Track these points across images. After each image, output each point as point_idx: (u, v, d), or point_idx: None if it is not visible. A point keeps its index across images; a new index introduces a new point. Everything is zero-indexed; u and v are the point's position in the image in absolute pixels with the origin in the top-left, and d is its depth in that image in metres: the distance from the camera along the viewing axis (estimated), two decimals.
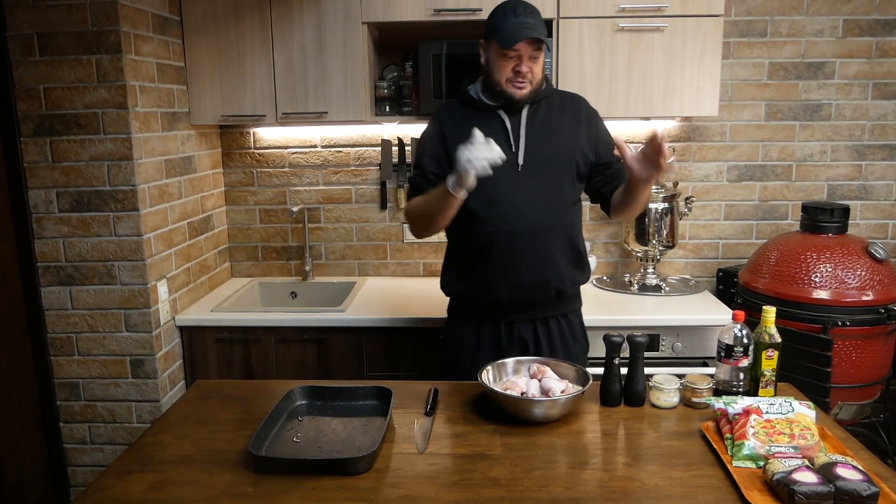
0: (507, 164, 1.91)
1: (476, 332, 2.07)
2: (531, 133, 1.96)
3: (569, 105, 2.04)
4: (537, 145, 1.96)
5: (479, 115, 1.98)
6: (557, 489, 1.35)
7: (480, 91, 2.00)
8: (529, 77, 1.90)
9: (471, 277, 2.03)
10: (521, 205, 1.93)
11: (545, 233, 1.95)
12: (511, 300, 1.99)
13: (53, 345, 2.48)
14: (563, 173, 1.98)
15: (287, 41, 2.64)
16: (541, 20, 1.89)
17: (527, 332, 2.04)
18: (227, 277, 3.18)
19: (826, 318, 2.41)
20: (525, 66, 1.88)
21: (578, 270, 2.06)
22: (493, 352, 2.04)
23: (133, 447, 1.57)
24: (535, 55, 1.89)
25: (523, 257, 1.95)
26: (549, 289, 1.99)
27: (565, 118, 2.01)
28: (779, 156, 3.01)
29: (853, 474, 1.28)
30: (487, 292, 2.00)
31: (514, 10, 1.87)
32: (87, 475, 2.57)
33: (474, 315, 2.07)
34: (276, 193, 3.12)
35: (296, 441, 1.55)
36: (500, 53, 1.89)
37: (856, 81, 2.93)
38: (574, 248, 2.02)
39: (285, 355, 2.61)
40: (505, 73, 1.90)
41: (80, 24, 2.25)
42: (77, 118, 2.31)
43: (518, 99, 1.93)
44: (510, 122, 1.97)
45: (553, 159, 1.97)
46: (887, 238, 3.05)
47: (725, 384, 1.72)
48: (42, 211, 2.38)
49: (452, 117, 2.02)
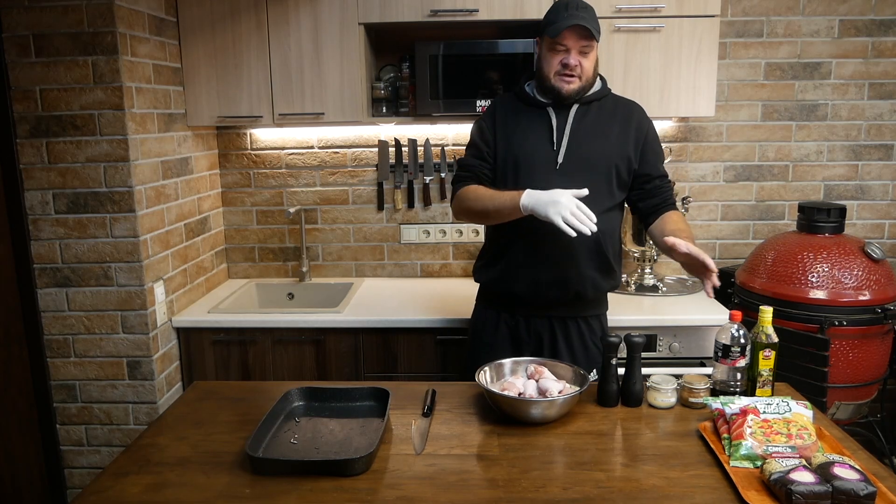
0: (547, 161, 1.96)
1: (496, 322, 2.10)
2: (576, 133, 1.97)
3: (622, 111, 2.04)
4: (580, 146, 1.97)
5: (530, 110, 2.02)
6: (555, 490, 1.35)
7: (535, 88, 2.03)
8: (578, 71, 1.92)
9: (496, 267, 2.06)
10: None
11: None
12: (529, 295, 2.02)
13: (50, 347, 2.47)
14: (602, 178, 1.97)
15: (283, 42, 2.63)
16: (594, 16, 1.90)
17: (543, 329, 2.06)
18: (224, 279, 3.18)
19: (823, 318, 2.41)
20: (573, 58, 1.90)
21: (603, 276, 2.05)
22: (509, 344, 2.08)
23: (130, 449, 1.56)
24: (584, 49, 1.91)
25: (546, 255, 1.97)
26: (567, 289, 2.00)
27: (615, 124, 2.00)
28: (775, 156, 3.02)
29: (850, 474, 1.28)
30: (508, 284, 2.03)
31: (566, 6, 1.90)
32: (84, 477, 2.57)
33: (496, 304, 2.11)
34: (273, 195, 3.12)
35: (293, 442, 1.55)
36: (549, 47, 1.93)
37: (852, 81, 2.94)
38: (601, 254, 2.00)
39: (282, 356, 2.61)
40: (554, 67, 1.93)
41: (76, 26, 2.24)
42: (73, 119, 2.30)
43: (566, 94, 1.94)
44: (557, 119, 1.98)
45: (593, 162, 1.97)
46: (884, 238, 3.06)
47: (723, 384, 1.72)
48: (38, 212, 2.37)
49: (506, 109, 2.07)
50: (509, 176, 2.00)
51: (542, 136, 1.98)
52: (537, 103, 2.01)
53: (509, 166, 2.00)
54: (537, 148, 1.98)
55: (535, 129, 1.99)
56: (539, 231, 1.90)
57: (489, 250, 2.12)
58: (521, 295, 2.03)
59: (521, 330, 2.07)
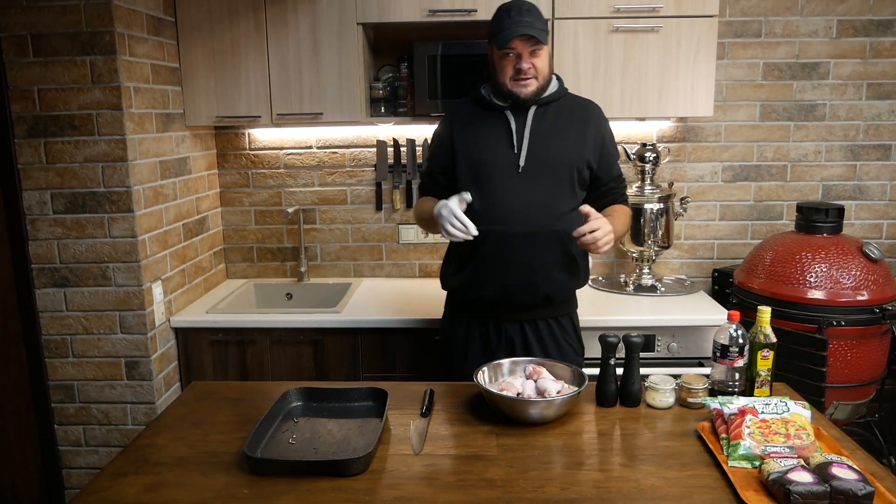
0: (508, 165, 1.95)
1: (466, 328, 2.09)
2: (535, 136, 1.97)
3: (579, 111, 2.04)
4: (540, 148, 1.96)
5: (488, 114, 2.01)
6: (553, 490, 1.35)
7: (491, 92, 2.02)
8: (532, 73, 1.92)
9: (463, 273, 2.05)
10: (517, 206, 1.93)
11: (538, 236, 1.95)
12: (498, 299, 2.01)
13: (48, 347, 2.47)
14: (564, 179, 1.98)
15: (282, 42, 2.63)
16: (538, 17, 1.90)
17: (514, 332, 2.05)
18: (223, 279, 3.17)
19: (821, 318, 2.41)
20: (525, 62, 1.90)
21: (571, 277, 2.05)
22: (481, 349, 2.07)
23: (128, 449, 1.56)
24: (535, 51, 1.90)
25: (513, 258, 1.96)
26: (536, 292, 2.00)
27: (574, 124, 2.01)
28: (773, 156, 3.02)
29: (849, 474, 1.28)
30: (477, 289, 2.02)
31: (508, 11, 1.89)
32: (82, 477, 2.56)
33: (465, 310, 2.10)
34: (272, 195, 3.12)
35: (291, 443, 1.55)
36: (500, 54, 1.92)
37: (850, 82, 2.94)
38: (568, 254, 2.01)
39: (281, 357, 2.61)
40: (508, 73, 1.93)
41: (74, 26, 2.24)
42: (71, 119, 2.30)
43: (524, 97, 1.94)
44: (515, 123, 1.98)
45: (554, 164, 1.97)
46: (882, 238, 3.06)
47: (721, 384, 1.72)
48: (36, 212, 2.37)
49: (463, 116, 2.06)
50: (472, 182, 1.98)
51: (502, 140, 1.98)
52: (495, 107, 2.00)
53: (471, 172, 1.99)
54: (498, 152, 1.97)
55: (494, 133, 1.99)
56: (505, 235, 1.92)
57: (455, 257, 2.11)
58: (490, 300, 2.01)
59: (492, 334, 2.06)
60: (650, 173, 2.80)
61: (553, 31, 2.57)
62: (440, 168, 2.06)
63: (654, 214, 2.78)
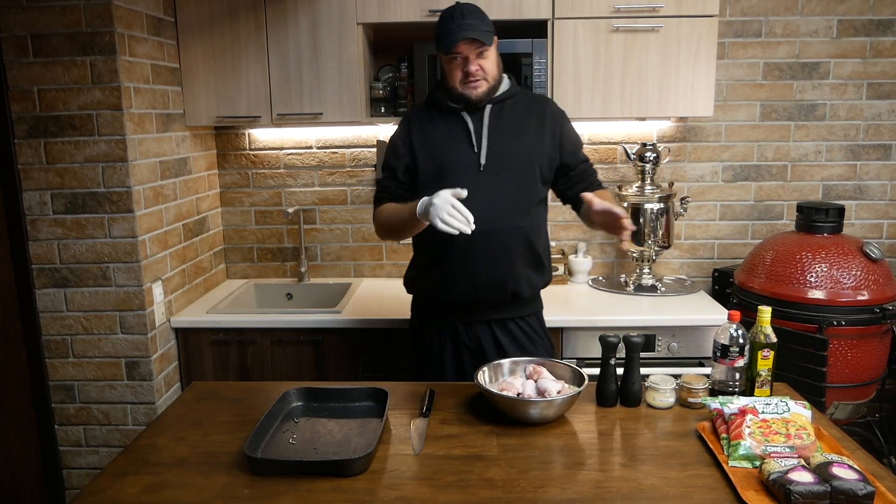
0: (469, 165, 1.96)
1: (437, 332, 2.09)
2: (494, 134, 1.98)
3: (535, 107, 2.05)
4: (500, 146, 1.97)
5: (444, 116, 2.02)
6: (554, 490, 1.35)
7: (445, 95, 2.02)
8: (481, 75, 1.92)
9: (430, 276, 2.05)
10: (481, 205, 1.92)
11: (504, 234, 1.96)
12: (467, 300, 2.01)
13: (48, 347, 2.47)
14: (526, 175, 1.99)
15: (282, 42, 2.63)
16: (482, 19, 1.91)
17: (484, 333, 2.05)
18: (223, 279, 3.17)
19: (821, 318, 2.41)
20: (473, 65, 1.91)
21: (536, 273, 2.06)
22: (453, 352, 2.07)
23: (128, 449, 1.56)
24: (481, 53, 1.91)
25: (481, 258, 1.96)
26: (504, 290, 2.00)
27: (531, 120, 2.02)
28: (774, 156, 3.02)
29: (849, 474, 1.28)
30: (445, 292, 2.02)
31: (452, 15, 1.90)
32: (82, 478, 2.56)
33: (433, 314, 2.10)
34: (272, 195, 3.12)
35: (291, 443, 1.55)
36: (447, 59, 1.94)
37: (850, 81, 2.94)
38: (533, 251, 2.02)
39: (281, 357, 2.61)
40: (457, 77, 1.94)
41: (74, 26, 2.24)
42: (71, 120, 2.30)
43: (475, 98, 1.95)
44: (472, 122, 1.99)
45: (515, 161, 1.98)
46: (882, 238, 3.06)
47: (721, 384, 1.72)
48: (36, 213, 2.37)
49: (420, 120, 2.06)
50: (434, 182, 1.96)
51: (461, 141, 1.98)
52: (450, 109, 2.01)
53: (434, 175, 1.98)
54: (459, 153, 1.98)
55: (453, 134, 1.99)
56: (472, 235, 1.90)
57: (421, 260, 2.11)
58: (460, 301, 2.01)
59: (462, 336, 2.06)
60: (650, 173, 2.80)
61: (553, 31, 2.57)
62: (403, 168, 2.04)
63: (655, 214, 2.78)
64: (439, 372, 2.08)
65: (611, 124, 2.99)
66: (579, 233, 3.09)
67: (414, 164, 2.02)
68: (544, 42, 2.58)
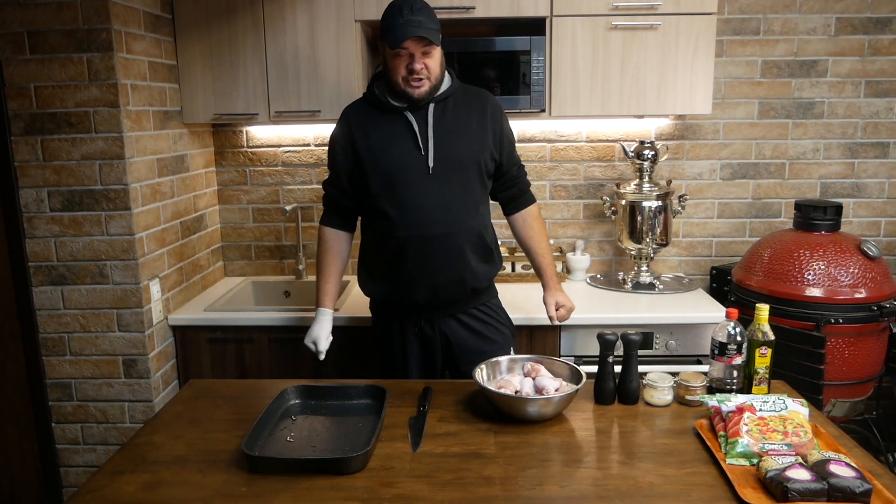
0: (418, 168, 1.95)
1: (400, 330, 2.11)
2: (439, 134, 1.96)
3: (476, 102, 2.04)
4: (446, 147, 1.96)
5: (386, 116, 1.98)
6: (552, 488, 1.35)
7: (387, 92, 1.99)
8: (425, 73, 1.90)
9: (387, 280, 2.05)
10: (433, 208, 1.94)
11: (458, 235, 1.98)
12: (428, 300, 2.03)
13: (45, 345, 2.46)
14: (473, 174, 2.00)
15: (280, 39, 2.63)
16: (430, 16, 1.89)
17: (448, 326, 2.08)
18: (221, 277, 3.17)
19: (819, 316, 2.41)
20: (418, 63, 1.88)
21: (490, 265, 2.11)
22: (418, 347, 2.10)
23: (125, 447, 1.56)
24: (427, 51, 1.89)
25: (437, 260, 1.97)
26: (464, 287, 2.03)
27: (473, 116, 2.01)
28: (772, 154, 3.02)
29: (846, 471, 1.28)
30: (405, 294, 2.03)
31: (400, 9, 1.86)
32: (80, 476, 2.56)
33: (394, 314, 2.11)
34: (270, 192, 3.11)
35: (289, 440, 1.55)
36: (392, 53, 1.89)
37: (848, 79, 2.94)
38: (485, 246, 2.05)
39: (279, 355, 2.60)
40: (400, 73, 1.91)
41: (70, 23, 2.23)
42: (68, 117, 2.29)
43: (417, 97, 1.93)
44: (417, 123, 1.96)
45: (462, 160, 1.98)
46: (880, 236, 3.07)
47: (719, 382, 1.72)
48: (33, 210, 2.36)
49: (360, 119, 2.03)
50: (384, 189, 1.97)
51: (407, 143, 1.96)
52: (392, 108, 1.98)
53: (381, 179, 1.97)
54: (405, 156, 1.96)
55: (397, 136, 1.96)
56: (425, 237, 1.94)
57: (372, 263, 2.10)
58: (421, 302, 2.03)
59: (428, 332, 2.08)
60: (648, 171, 2.80)
61: (551, 29, 2.57)
62: (345, 172, 2.03)
63: (653, 212, 2.78)
64: (405, 369, 2.12)
65: (609, 122, 2.99)
66: (577, 231, 3.09)
67: (358, 169, 2.00)
68: (542, 39, 2.57)
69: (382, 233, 2.00)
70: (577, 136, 3.01)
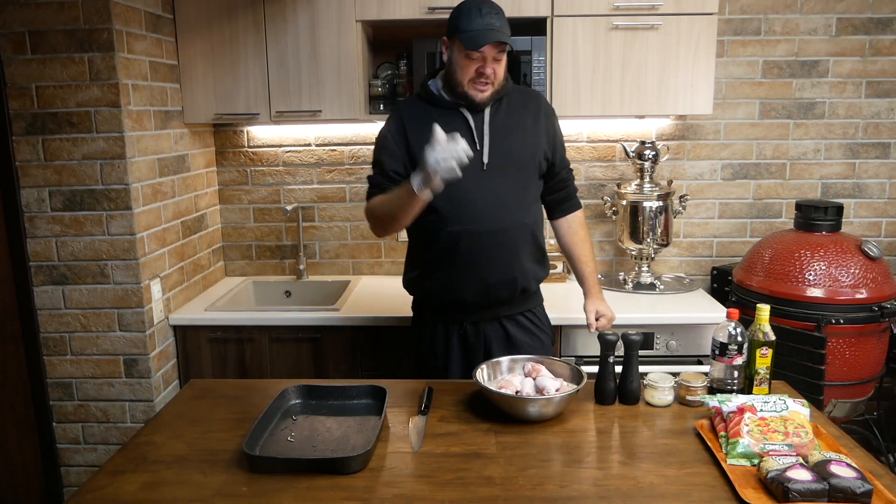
0: (472, 164, 1.88)
1: (444, 332, 2.06)
2: (495, 132, 1.96)
3: (530, 102, 2.04)
4: (502, 144, 1.95)
5: (442, 112, 1.95)
6: (552, 488, 1.35)
7: (441, 88, 1.97)
8: (492, 79, 1.88)
9: (436, 277, 2.01)
10: (487, 204, 1.92)
11: (510, 232, 1.96)
12: (477, 299, 1.99)
13: (46, 344, 2.46)
14: (527, 172, 1.99)
15: (280, 39, 2.63)
16: (505, 21, 1.86)
17: (492, 330, 2.04)
18: (221, 276, 3.17)
19: (820, 316, 2.41)
20: (489, 67, 1.86)
21: (541, 267, 2.09)
22: (461, 351, 2.05)
23: (126, 447, 1.56)
24: (498, 57, 1.87)
25: (489, 257, 1.95)
26: (515, 287, 2.00)
27: (528, 116, 2.01)
28: (773, 154, 3.02)
29: (847, 472, 1.28)
30: (454, 292, 1.99)
31: (479, 9, 1.83)
32: (81, 475, 2.56)
33: (440, 314, 2.07)
34: (270, 192, 3.11)
35: (290, 440, 1.55)
36: (464, 54, 1.86)
37: (849, 80, 2.94)
38: (538, 245, 2.04)
39: (279, 354, 2.61)
40: (468, 74, 1.88)
41: (72, 22, 2.23)
42: (69, 117, 2.30)
43: (479, 101, 1.91)
44: (474, 120, 1.94)
45: (517, 158, 1.97)
46: (881, 236, 3.06)
47: (720, 382, 1.72)
48: (34, 210, 2.37)
49: (414, 114, 1.98)
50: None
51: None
52: (449, 105, 1.95)
53: None
54: None
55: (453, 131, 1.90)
56: (478, 234, 1.91)
57: (420, 261, 2.06)
58: (470, 301, 1.99)
59: (471, 336, 2.04)
60: (649, 171, 2.80)
61: (552, 29, 2.57)
62: (399, 167, 1.96)
63: (654, 212, 2.78)
64: (445, 370, 2.06)
65: (610, 122, 2.99)
66: None
67: (412, 162, 1.94)
68: (543, 39, 2.57)
69: (433, 228, 1.95)
70: (578, 136, 3.01)
